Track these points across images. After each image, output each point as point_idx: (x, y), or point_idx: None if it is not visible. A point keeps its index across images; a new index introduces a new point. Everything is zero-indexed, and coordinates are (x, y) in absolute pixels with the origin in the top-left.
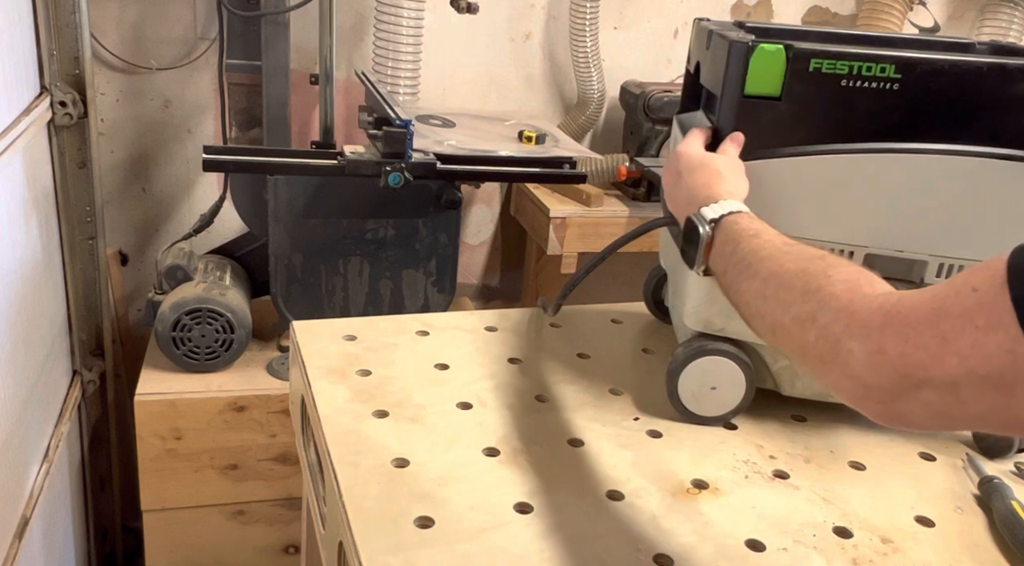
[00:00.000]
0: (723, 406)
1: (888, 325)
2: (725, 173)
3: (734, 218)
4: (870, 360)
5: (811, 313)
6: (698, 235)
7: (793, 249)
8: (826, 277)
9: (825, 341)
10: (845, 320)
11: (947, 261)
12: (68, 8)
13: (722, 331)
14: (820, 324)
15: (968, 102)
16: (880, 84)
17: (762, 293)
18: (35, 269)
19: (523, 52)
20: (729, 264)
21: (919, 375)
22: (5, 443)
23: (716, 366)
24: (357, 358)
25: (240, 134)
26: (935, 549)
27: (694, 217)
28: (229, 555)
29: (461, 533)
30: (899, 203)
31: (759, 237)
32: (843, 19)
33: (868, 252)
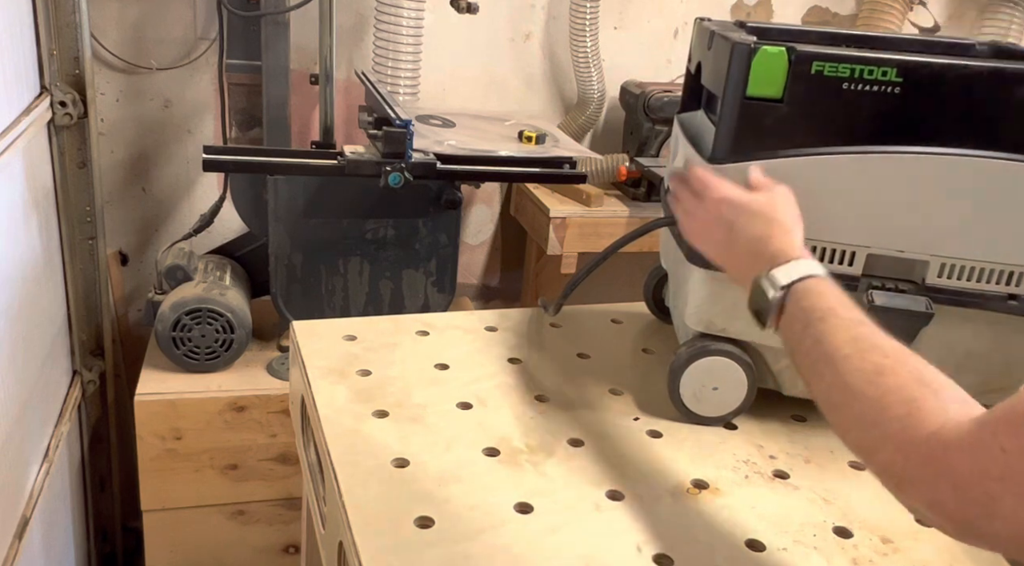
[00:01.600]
0: (725, 406)
1: (941, 477)
2: (790, 224)
3: (805, 286)
4: (931, 509)
5: (871, 447)
6: (768, 302)
7: (855, 354)
8: (882, 409)
9: (889, 477)
10: (902, 463)
11: (948, 261)
12: (68, 8)
13: (723, 331)
14: (882, 461)
15: (969, 105)
16: (881, 87)
17: (825, 400)
18: (35, 269)
19: (523, 52)
20: (797, 344)
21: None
22: (5, 443)
23: (718, 366)
24: (357, 358)
25: (240, 134)
26: (935, 549)
27: (764, 281)
28: (229, 555)
29: (461, 533)
30: (900, 204)
31: (825, 322)
32: (843, 19)
33: (869, 252)
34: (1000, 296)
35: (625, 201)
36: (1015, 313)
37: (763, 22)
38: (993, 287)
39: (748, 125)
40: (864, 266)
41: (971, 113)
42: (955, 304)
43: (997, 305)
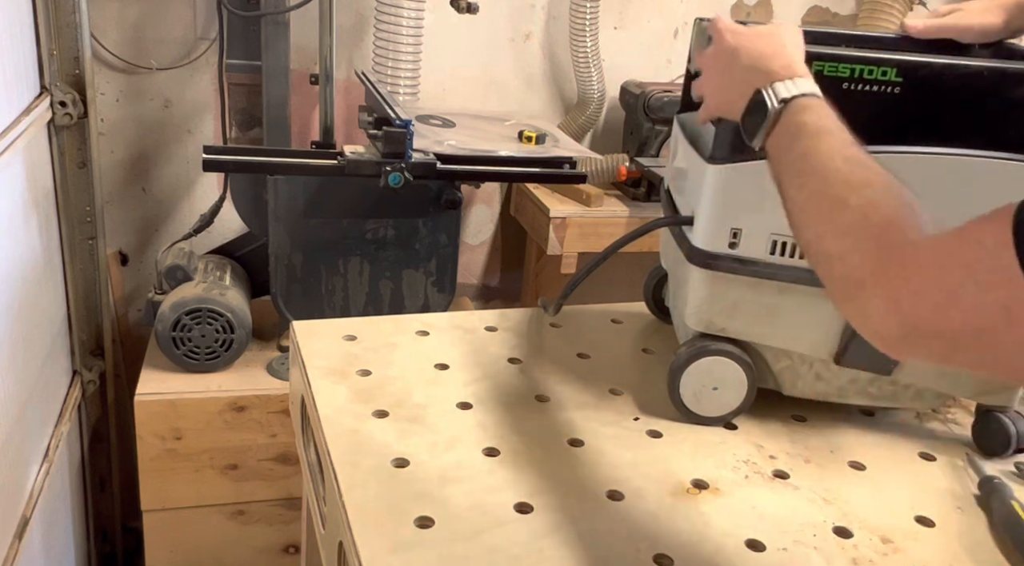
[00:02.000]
0: (725, 406)
1: (902, 274)
2: (793, 45)
3: (804, 103)
4: (885, 308)
5: (842, 252)
6: (765, 112)
7: (844, 167)
8: (864, 216)
9: (850, 281)
10: (871, 266)
11: None
12: (68, 8)
13: (723, 331)
14: (849, 264)
15: (969, 105)
16: (881, 87)
17: (803, 208)
18: (35, 269)
19: (523, 52)
20: (782, 158)
21: (924, 327)
22: (5, 443)
23: (718, 366)
24: (357, 358)
25: (240, 134)
26: (935, 549)
27: (765, 91)
28: (229, 555)
29: (461, 533)
30: None
31: (818, 137)
32: (843, 19)
33: None
34: None
35: (625, 201)
36: None
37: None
38: None
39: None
40: None
41: (972, 113)
42: None
43: None
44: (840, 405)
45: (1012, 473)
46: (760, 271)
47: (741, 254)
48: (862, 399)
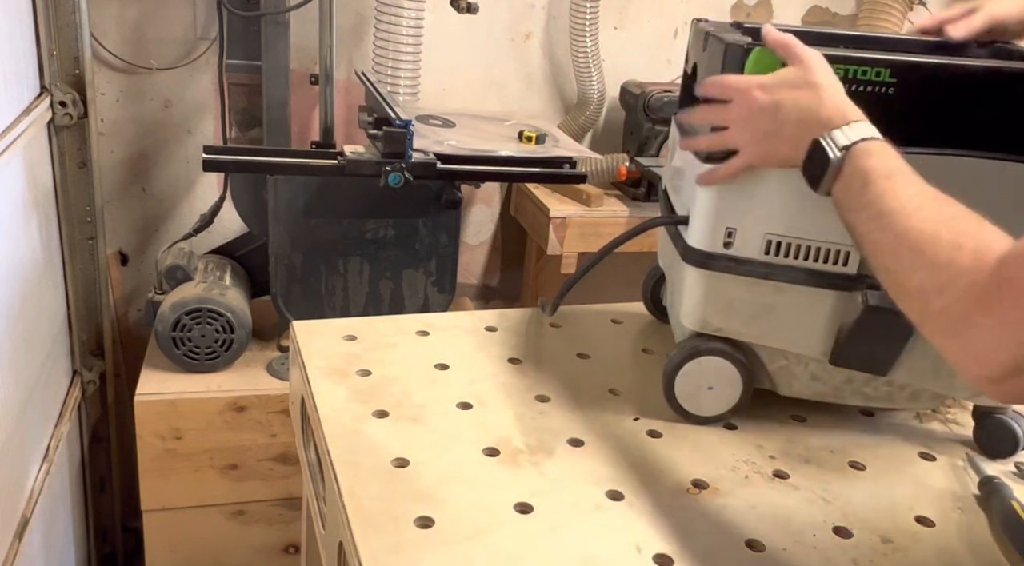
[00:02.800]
0: (720, 406)
1: (1013, 301)
2: (834, 85)
3: (866, 147)
4: (995, 338)
5: (939, 286)
6: (828, 163)
7: (925, 204)
8: (957, 247)
9: (950, 316)
10: (977, 295)
11: None
12: (68, 8)
13: (719, 331)
14: (948, 298)
15: (964, 105)
16: (875, 88)
17: (891, 250)
18: (35, 269)
19: (523, 52)
20: (855, 203)
21: None
22: (5, 443)
23: (712, 366)
24: (357, 358)
25: (240, 134)
26: (935, 549)
27: (824, 140)
28: (229, 555)
29: (461, 533)
30: None
31: (891, 180)
32: (843, 19)
33: None
34: None
35: (625, 201)
36: None
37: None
38: None
39: None
40: (859, 266)
41: (966, 113)
42: None
43: None
44: (840, 405)
45: (1012, 473)
46: (755, 271)
47: (736, 254)
48: (858, 399)
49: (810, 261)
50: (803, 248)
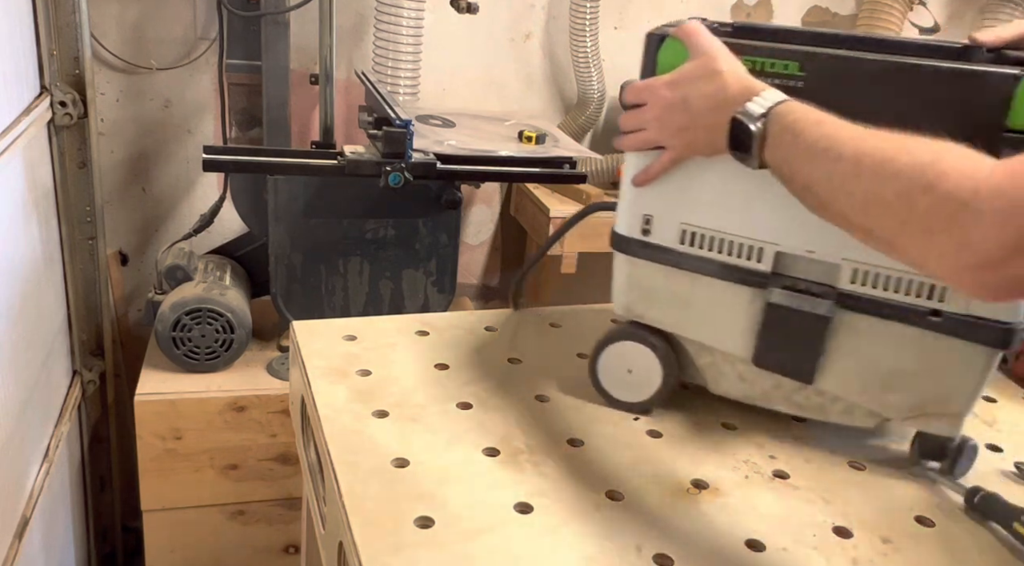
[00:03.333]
0: (640, 393)
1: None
2: (737, 68)
3: (784, 107)
4: (1000, 217)
5: (926, 183)
6: (751, 134)
7: (871, 132)
8: (934, 152)
9: (942, 209)
10: (973, 185)
11: (861, 267)
12: (68, 8)
13: (641, 318)
14: (940, 192)
15: (870, 101)
16: (784, 81)
17: (853, 172)
18: (35, 269)
19: (523, 52)
20: (794, 155)
21: None
22: (5, 443)
23: (632, 351)
24: (357, 358)
25: (240, 134)
26: (935, 549)
27: (740, 116)
28: (229, 555)
29: (461, 533)
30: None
31: (823, 124)
32: (843, 19)
33: (779, 251)
34: (921, 311)
35: None
36: (939, 331)
37: (752, 23)
38: (913, 300)
39: None
40: (774, 264)
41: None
42: (871, 314)
43: (918, 320)
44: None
45: (1012, 473)
46: (671, 259)
47: (653, 241)
48: (789, 407)
49: (724, 254)
50: (716, 240)
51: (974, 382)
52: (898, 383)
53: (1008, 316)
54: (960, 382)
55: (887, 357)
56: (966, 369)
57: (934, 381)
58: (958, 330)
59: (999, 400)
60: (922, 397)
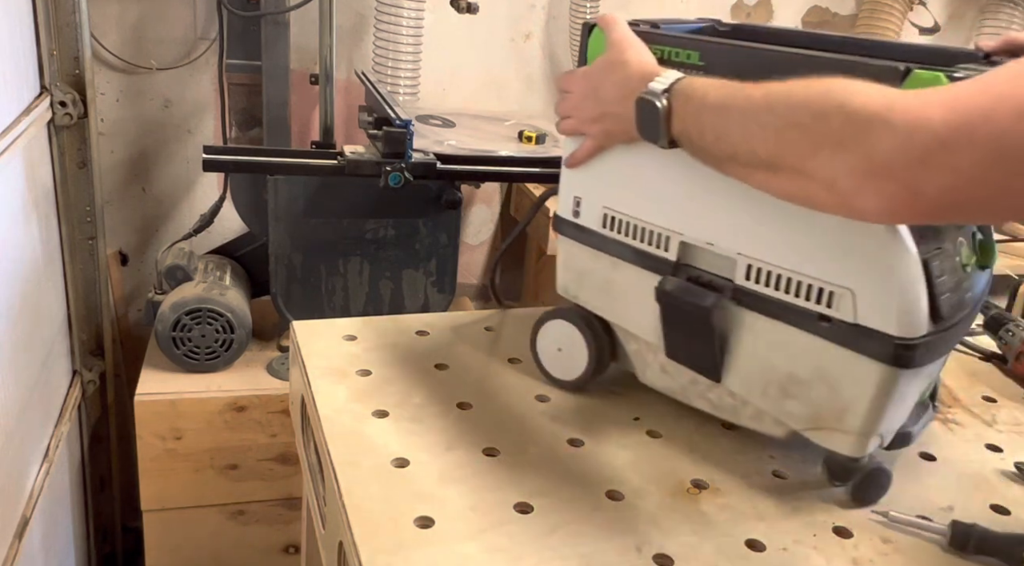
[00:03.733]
0: (571, 371)
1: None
2: (642, 54)
3: (686, 82)
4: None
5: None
6: (656, 110)
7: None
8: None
9: (855, 122)
10: (886, 101)
11: (755, 263)
12: (68, 8)
13: (576, 299)
14: (854, 106)
15: None
16: (688, 71)
17: (765, 107)
18: (35, 269)
19: (523, 52)
20: (702, 113)
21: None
22: (5, 443)
23: (564, 329)
24: (357, 358)
25: (240, 134)
26: (935, 549)
27: (644, 96)
28: (229, 555)
29: (461, 533)
30: (708, 192)
31: (728, 85)
32: (843, 19)
33: (683, 240)
34: (811, 314)
35: None
36: (828, 338)
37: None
38: (803, 302)
39: None
40: (679, 254)
41: None
42: (764, 314)
43: (808, 325)
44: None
45: (1012, 473)
46: (594, 242)
47: (582, 223)
48: (706, 405)
49: (636, 240)
50: (631, 226)
51: (868, 399)
52: (795, 390)
53: (902, 330)
54: (855, 398)
55: (783, 361)
56: (859, 384)
57: (829, 393)
58: (847, 339)
59: (999, 400)
60: (818, 409)
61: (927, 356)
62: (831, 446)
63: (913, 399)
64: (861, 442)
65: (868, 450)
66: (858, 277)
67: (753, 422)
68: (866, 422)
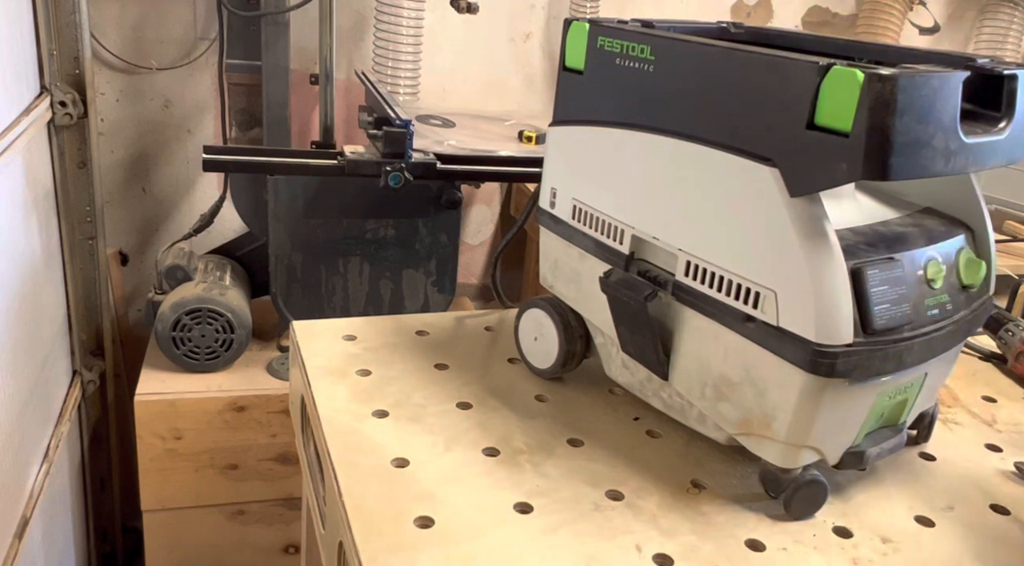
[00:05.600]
0: (546, 360)
1: None
2: None
3: None
4: None
5: None
6: None
7: None
8: None
9: None
10: None
11: (692, 260)
12: (68, 8)
13: (552, 288)
14: None
15: (706, 85)
16: (641, 65)
17: None
18: (35, 269)
19: (523, 52)
20: None
21: None
22: (5, 443)
23: (540, 318)
24: (357, 358)
25: (240, 134)
26: (935, 549)
27: None
28: (229, 555)
29: (461, 533)
30: (654, 187)
31: None
32: (843, 19)
33: (634, 234)
34: (738, 314)
35: None
36: (753, 339)
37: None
38: (732, 301)
39: (565, 94)
40: (631, 247)
41: (707, 93)
42: (699, 311)
43: (734, 323)
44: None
45: (1012, 473)
46: (564, 232)
47: (556, 214)
48: (660, 404)
49: (597, 232)
50: (593, 217)
51: (791, 406)
52: (728, 392)
53: (820, 336)
54: (779, 405)
55: (716, 361)
56: (782, 389)
57: (756, 398)
58: (769, 343)
59: (999, 400)
60: (747, 413)
61: (859, 369)
62: (762, 454)
63: (860, 416)
64: (791, 453)
65: (799, 463)
66: (781, 278)
67: (698, 424)
68: (792, 432)
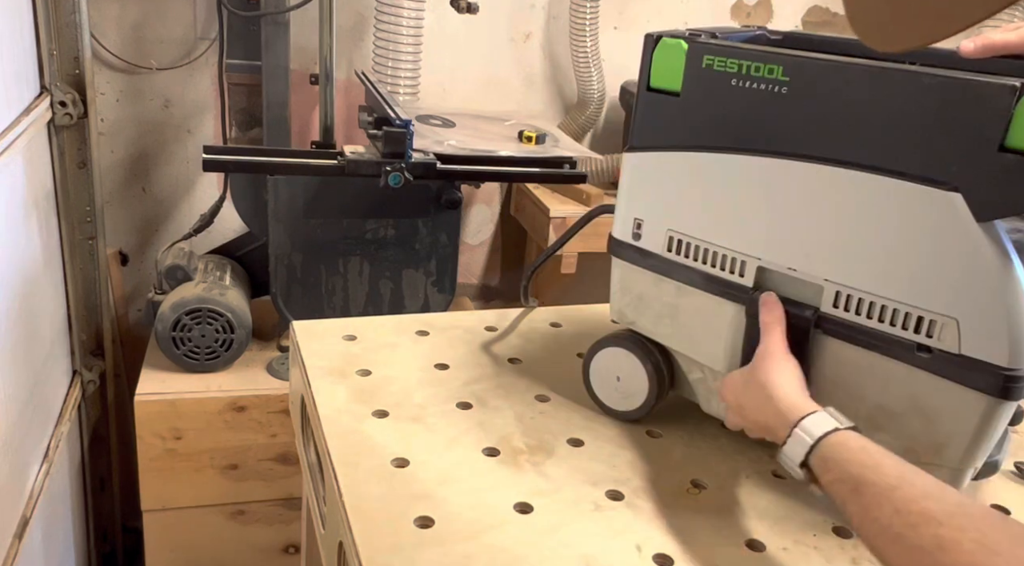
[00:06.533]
0: (630, 402)
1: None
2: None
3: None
4: None
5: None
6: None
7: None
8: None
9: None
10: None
11: (843, 290)
12: (68, 8)
13: (633, 325)
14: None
15: (860, 109)
16: (769, 86)
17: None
18: (35, 269)
19: (523, 52)
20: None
21: None
22: (5, 443)
23: (621, 358)
24: (357, 358)
25: (240, 134)
26: None
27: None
28: (229, 555)
29: (461, 533)
30: (791, 215)
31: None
32: (843, 19)
33: (760, 265)
34: (908, 344)
35: None
36: (928, 370)
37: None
38: (899, 332)
39: (650, 117)
40: (756, 279)
41: (862, 118)
42: (852, 342)
43: (904, 355)
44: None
45: (1012, 473)
46: (658, 266)
47: (643, 246)
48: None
49: (707, 265)
50: (701, 250)
51: (971, 433)
52: (887, 423)
53: (1009, 361)
54: (955, 431)
55: (873, 392)
56: (960, 417)
57: (925, 427)
58: (949, 371)
59: None
60: (913, 443)
61: None
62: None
63: (1004, 426)
64: (958, 477)
65: (964, 483)
66: (965, 305)
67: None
68: (967, 456)
